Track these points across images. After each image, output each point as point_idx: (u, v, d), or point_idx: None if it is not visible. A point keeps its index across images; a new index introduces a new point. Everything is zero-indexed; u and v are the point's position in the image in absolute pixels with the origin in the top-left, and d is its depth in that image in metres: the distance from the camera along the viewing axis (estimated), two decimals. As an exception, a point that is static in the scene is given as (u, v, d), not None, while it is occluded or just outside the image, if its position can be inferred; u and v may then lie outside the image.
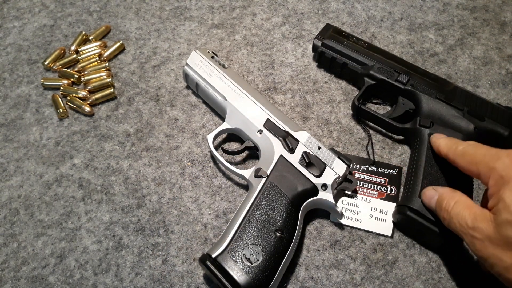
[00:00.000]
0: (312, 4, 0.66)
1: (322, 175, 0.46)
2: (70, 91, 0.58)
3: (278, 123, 0.49)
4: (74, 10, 0.67)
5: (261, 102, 0.51)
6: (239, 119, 0.50)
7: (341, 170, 0.46)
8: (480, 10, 0.65)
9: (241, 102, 0.51)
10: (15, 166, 0.53)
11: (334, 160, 0.47)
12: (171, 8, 0.67)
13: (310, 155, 0.46)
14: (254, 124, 0.49)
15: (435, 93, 0.51)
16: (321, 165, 0.46)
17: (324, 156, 0.47)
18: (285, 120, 0.49)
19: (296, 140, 0.48)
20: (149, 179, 0.51)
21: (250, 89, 0.52)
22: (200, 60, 0.54)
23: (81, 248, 0.47)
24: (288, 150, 0.47)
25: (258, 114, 0.50)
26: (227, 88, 0.52)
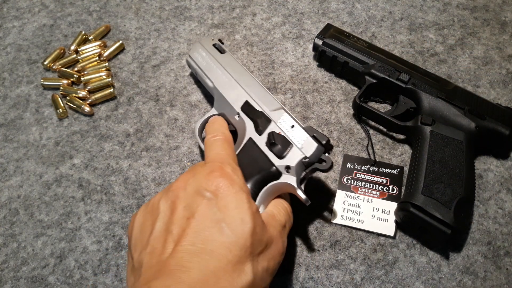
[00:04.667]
0: (312, 4, 0.66)
1: (286, 156, 0.41)
2: (69, 91, 0.58)
3: (255, 104, 0.46)
4: (73, 10, 0.67)
5: (245, 83, 0.48)
6: (223, 103, 0.49)
7: (309, 150, 0.41)
8: (480, 10, 0.65)
9: (225, 86, 0.49)
10: (15, 166, 0.53)
11: (304, 139, 0.42)
12: (171, 8, 0.67)
13: (276, 135, 0.42)
14: (233, 108, 0.47)
15: (436, 92, 0.51)
16: (287, 145, 0.42)
17: (294, 135, 0.42)
18: (264, 99, 0.46)
19: (269, 120, 0.44)
20: (149, 179, 0.51)
21: (239, 71, 0.50)
22: (199, 49, 0.54)
23: (80, 248, 0.47)
24: (257, 131, 0.44)
25: (238, 96, 0.47)
26: (215, 73, 0.51)
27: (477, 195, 0.49)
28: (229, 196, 0.34)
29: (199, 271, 0.30)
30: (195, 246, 0.31)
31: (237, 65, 0.51)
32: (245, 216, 0.33)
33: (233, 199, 0.34)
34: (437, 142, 0.47)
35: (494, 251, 0.46)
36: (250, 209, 0.34)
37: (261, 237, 0.34)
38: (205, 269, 0.30)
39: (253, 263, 0.32)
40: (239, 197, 0.34)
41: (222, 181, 0.35)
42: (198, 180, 0.35)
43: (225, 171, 0.36)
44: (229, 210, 0.33)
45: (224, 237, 0.32)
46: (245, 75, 0.50)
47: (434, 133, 0.48)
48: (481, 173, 0.50)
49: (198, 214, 0.33)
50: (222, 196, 0.34)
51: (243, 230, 0.32)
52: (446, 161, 0.46)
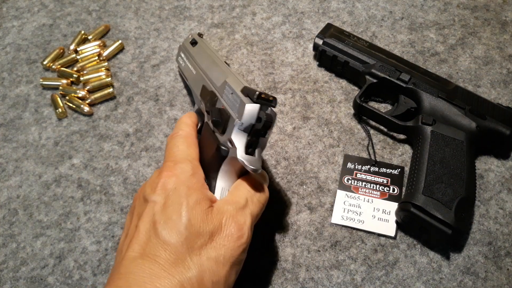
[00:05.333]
0: (313, 4, 0.66)
1: (227, 129, 0.35)
2: (69, 91, 0.57)
3: (209, 85, 0.41)
4: (73, 9, 0.67)
5: (204, 66, 0.43)
6: (195, 98, 0.46)
7: (242, 111, 0.34)
8: (481, 10, 0.65)
9: (193, 78, 0.46)
10: (14, 166, 0.53)
11: (238, 103, 0.35)
12: (170, 7, 0.66)
13: (216, 110, 0.37)
14: (198, 97, 0.44)
15: (437, 91, 0.51)
16: (227, 116, 0.35)
17: (230, 102, 0.36)
18: (214, 75, 0.41)
19: (216, 98, 0.38)
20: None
21: (201, 58, 0.45)
22: (180, 53, 0.52)
23: (80, 249, 0.47)
24: (208, 112, 0.39)
25: (199, 83, 0.43)
26: (188, 69, 0.48)
27: (478, 195, 0.49)
28: (169, 194, 0.35)
29: (136, 275, 0.31)
30: (135, 252, 0.33)
31: (202, 52, 0.46)
32: (180, 211, 0.34)
33: (172, 196, 0.35)
34: (438, 142, 0.47)
35: (495, 251, 0.46)
36: (186, 203, 0.34)
37: (200, 229, 0.33)
38: (142, 272, 0.31)
39: (194, 257, 0.32)
40: (178, 192, 0.35)
41: (167, 180, 0.36)
42: (148, 185, 0.37)
43: (172, 171, 0.36)
44: (166, 208, 0.34)
45: (159, 238, 0.33)
46: (205, 59, 0.44)
47: (434, 133, 0.48)
48: (482, 173, 0.50)
49: (141, 221, 0.34)
50: (163, 197, 0.35)
51: (176, 228, 0.33)
52: (447, 161, 0.46)
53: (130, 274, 0.31)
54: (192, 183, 0.36)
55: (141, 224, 0.34)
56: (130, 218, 0.38)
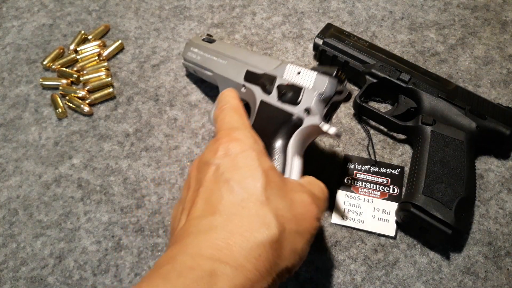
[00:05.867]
0: (313, 3, 0.66)
1: (301, 101, 0.40)
2: (69, 91, 0.57)
3: (256, 70, 0.45)
4: (73, 9, 0.67)
5: (241, 56, 0.48)
6: (227, 84, 0.48)
7: (323, 85, 0.40)
8: (481, 10, 0.65)
9: (223, 68, 0.49)
10: (14, 166, 0.53)
11: (313, 78, 0.41)
12: (170, 7, 0.66)
13: (284, 86, 0.42)
14: (237, 82, 0.47)
15: (437, 91, 0.51)
16: (299, 90, 0.41)
17: (303, 79, 0.41)
18: (263, 62, 0.46)
19: (273, 77, 0.43)
20: (148, 179, 0.51)
21: (231, 50, 0.50)
22: (191, 48, 0.54)
23: (80, 249, 0.47)
24: (266, 92, 0.43)
25: (238, 70, 0.47)
26: (211, 61, 0.51)
27: (477, 195, 0.49)
28: (237, 156, 0.33)
29: (203, 235, 0.29)
30: (204, 211, 0.30)
31: (228, 46, 0.52)
32: (256, 172, 0.31)
33: (241, 158, 0.32)
34: (438, 142, 0.47)
35: (494, 251, 0.46)
36: (261, 166, 0.32)
37: (281, 194, 0.31)
38: (213, 228, 0.29)
39: (276, 217, 0.30)
40: (247, 155, 0.33)
41: (229, 144, 0.33)
42: (207, 152, 0.35)
43: (232, 136, 0.35)
44: (238, 169, 0.32)
45: (234, 195, 0.30)
46: (239, 51, 0.50)
47: (434, 133, 0.48)
48: (481, 173, 0.50)
49: (205, 181, 0.32)
50: (230, 158, 0.33)
51: (255, 186, 0.30)
52: (447, 161, 0.46)
53: (201, 235, 0.28)
54: (260, 150, 0.34)
55: (207, 184, 0.32)
56: (186, 190, 0.35)
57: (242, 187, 0.31)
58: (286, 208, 0.31)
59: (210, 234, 0.28)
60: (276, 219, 0.29)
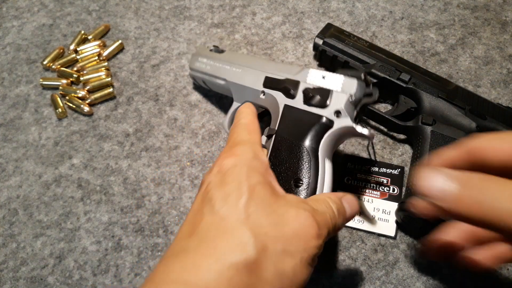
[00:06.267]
0: (313, 3, 0.66)
1: (330, 104, 0.40)
2: (69, 91, 0.57)
3: (276, 75, 0.45)
4: (73, 9, 0.67)
5: (257, 64, 0.48)
6: (242, 91, 0.48)
7: (351, 88, 0.40)
8: (481, 10, 0.65)
9: (238, 75, 0.49)
10: (14, 166, 0.53)
11: (341, 81, 0.41)
12: (170, 7, 0.66)
13: (311, 89, 0.42)
14: (255, 89, 0.46)
15: (437, 91, 0.51)
16: (327, 93, 0.41)
17: (329, 82, 0.41)
18: (284, 68, 0.46)
19: (297, 82, 0.43)
20: (148, 179, 0.51)
21: (246, 58, 0.50)
22: (198, 58, 0.54)
23: (80, 249, 0.47)
24: (289, 96, 0.43)
25: (255, 77, 0.47)
26: (224, 70, 0.50)
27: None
28: (227, 172, 0.31)
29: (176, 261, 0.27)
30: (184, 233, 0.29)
31: (241, 55, 0.51)
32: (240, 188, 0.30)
33: (230, 174, 0.31)
34: (438, 142, 0.47)
35: (495, 251, 0.46)
36: (248, 181, 0.30)
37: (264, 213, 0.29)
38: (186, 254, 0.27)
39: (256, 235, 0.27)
40: (237, 170, 0.31)
41: (224, 160, 0.33)
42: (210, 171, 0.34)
43: (231, 151, 0.34)
44: (224, 186, 0.30)
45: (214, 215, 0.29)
46: (253, 59, 0.50)
47: (435, 133, 0.48)
48: (482, 173, 0.50)
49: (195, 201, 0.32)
50: (220, 175, 0.31)
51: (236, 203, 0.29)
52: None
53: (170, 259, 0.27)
54: (254, 165, 0.32)
55: (193, 205, 0.31)
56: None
57: (224, 205, 0.29)
58: (271, 225, 0.28)
59: (180, 257, 0.27)
60: (255, 238, 0.27)
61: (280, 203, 0.30)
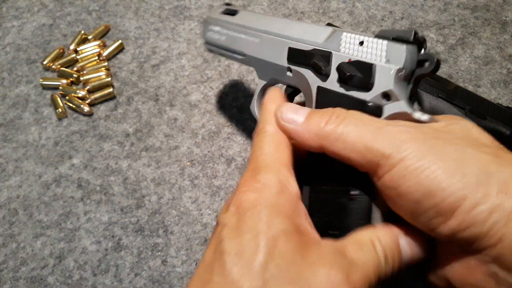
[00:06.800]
0: (313, 3, 0.66)
1: (375, 83, 0.30)
2: (69, 91, 0.57)
3: (302, 45, 0.35)
4: (73, 9, 0.67)
5: (277, 28, 0.37)
6: (266, 67, 0.38)
7: (401, 57, 0.29)
8: (481, 10, 0.65)
9: (257, 47, 0.39)
10: (14, 166, 0.53)
11: (385, 49, 0.30)
12: (170, 7, 0.66)
13: (346, 65, 0.31)
14: (279, 65, 0.37)
15: (437, 91, 0.51)
16: (369, 68, 0.30)
17: (369, 51, 0.30)
18: (310, 33, 0.35)
19: (327, 53, 0.33)
20: (148, 179, 0.51)
21: (262, 21, 0.39)
22: (210, 27, 0.44)
23: (80, 249, 0.47)
24: (321, 76, 0.33)
25: (277, 48, 0.37)
26: (240, 41, 0.40)
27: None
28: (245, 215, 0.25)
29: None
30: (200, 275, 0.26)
31: (257, 16, 0.41)
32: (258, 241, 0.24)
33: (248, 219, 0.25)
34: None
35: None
36: (269, 231, 0.24)
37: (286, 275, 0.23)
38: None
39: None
40: (256, 214, 0.25)
41: (244, 196, 0.26)
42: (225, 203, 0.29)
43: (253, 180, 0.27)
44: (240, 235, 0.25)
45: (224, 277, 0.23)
46: (272, 21, 0.39)
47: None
48: (482, 173, 0.50)
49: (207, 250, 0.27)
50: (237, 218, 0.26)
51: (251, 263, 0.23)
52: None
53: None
54: (278, 204, 0.26)
55: (206, 253, 0.26)
56: None
57: (237, 264, 0.23)
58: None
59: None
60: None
61: (309, 260, 0.24)
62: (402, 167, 0.24)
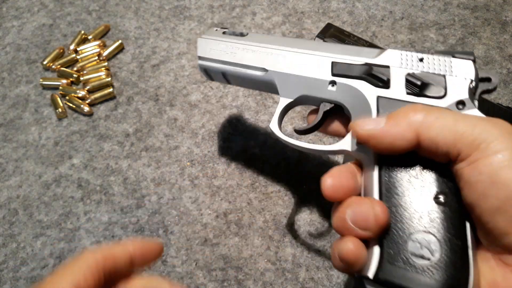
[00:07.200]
0: (313, 3, 0.66)
1: (447, 92, 0.31)
2: (69, 91, 0.57)
3: (349, 60, 0.36)
4: (73, 9, 0.67)
5: (312, 47, 0.38)
6: (297, 83, 0.38)
7: (468, 71, 0.31)
8: (481, 10, 0.65)
9: (287, 63, 0.39)
10: (14, 166, 0.53)
11: (451, 63, 0.32)
12: (170, 7, 0.66)
13: (417, 75, 0.33)
14: (319, 79, 0.37)
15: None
16: (439, 79, 0.32)
17: (436, 65, 0.32)
18: (353, 51, 0.37)
19: (385, 67, 0.34)
20: (148, 179, 0.51)
21: (289, 42, 0.40)
22: (212, 45, 0.43)
23: (80, 249, 0.47)
24: (382, 85, 0.33)
25: (316, 63, 0.37)
26: (261, 57, 0.40)
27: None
28: None
29: None
30: None
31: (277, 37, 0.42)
32: None
33: None
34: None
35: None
36: None
37: None
38: None
39: None
40: None
41: None
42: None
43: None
44: None
45: None
46: (298, 41, 0.40)
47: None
48: (481, 173, 0.50)
49: None
50: None
51: None
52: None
53: None
54: None
55: None
56: None
57: None
58: None
59: None
60: None
61: None
62: (506, 156, 0.23)
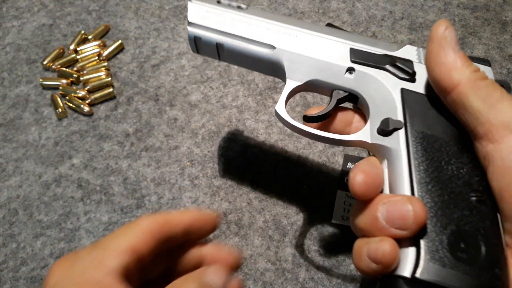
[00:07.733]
0: (313, 3, 0.66)
1: None
2: (69, 91, 0.57)
3: (369, 49, 0.34)
4: (73, 9, 0.67)
5: (325, 31, 0.36)
6: (309, 66, 0.35)
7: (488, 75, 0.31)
8: (481, 10, 0.65)
9: (299, 43, 0.35)
10: (14, 166, 0.53)
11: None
12: (170, 7, 0.66)
13: None
14: (336, 64, 0.34)
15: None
16: None
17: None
18: (370, 41, 0.35)
19: (408, 61, 0.33)
20: (148, 179, 0.51)
21: (298, 22, 0.37)
22: (206, 11, 0.36)
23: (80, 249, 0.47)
24: (408, 78, 0.32)
25: (333, 47, 0.35)
26: (269, 33, 0.36)
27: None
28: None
29: None
30: None
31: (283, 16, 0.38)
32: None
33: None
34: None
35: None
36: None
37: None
38: None
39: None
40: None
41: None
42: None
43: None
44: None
45: None
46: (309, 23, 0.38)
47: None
48: (481, 173, 0.50)
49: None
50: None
51: None
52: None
53: None
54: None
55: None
56: None
57: None
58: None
59: None
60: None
61: None
62: None
